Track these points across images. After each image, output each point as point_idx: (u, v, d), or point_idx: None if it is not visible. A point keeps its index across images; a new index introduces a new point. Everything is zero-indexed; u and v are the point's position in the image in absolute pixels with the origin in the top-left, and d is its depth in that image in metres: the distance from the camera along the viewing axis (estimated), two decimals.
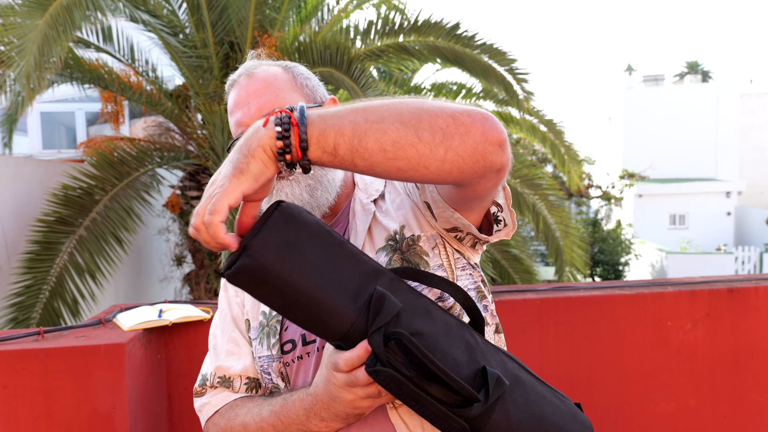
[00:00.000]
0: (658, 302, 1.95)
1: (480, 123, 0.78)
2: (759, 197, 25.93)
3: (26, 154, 9.74)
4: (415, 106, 0.78)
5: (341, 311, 0.80)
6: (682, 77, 36.52)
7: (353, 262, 0.83)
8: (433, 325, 0.84)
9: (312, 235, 0.81)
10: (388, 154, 0.76)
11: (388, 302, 0.80)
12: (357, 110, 0.77)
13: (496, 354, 0.88)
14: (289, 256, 0.78)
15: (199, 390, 1.10)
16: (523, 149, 11.46)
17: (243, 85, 1.05)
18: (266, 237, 0.78)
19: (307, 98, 1.06)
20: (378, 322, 0.79)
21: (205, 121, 5.66)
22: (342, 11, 6.00)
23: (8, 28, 4.03)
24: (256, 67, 1.07)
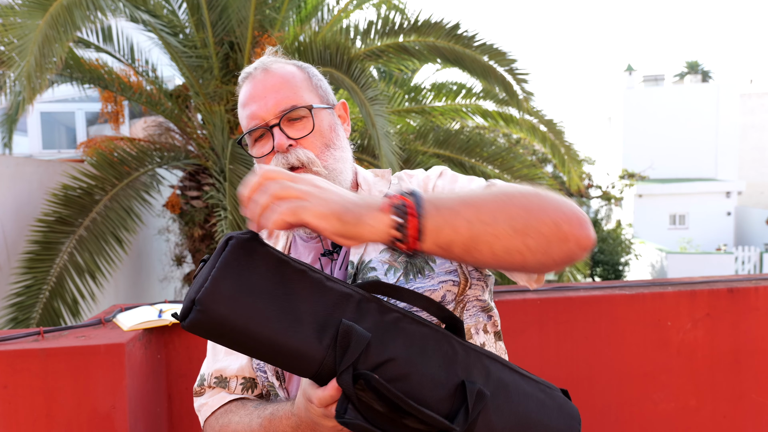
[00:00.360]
0: (658, 302, 1.95)
1: (577, 230, 0.82)
2: (759, 197, 25.93)
3: (26, 154, 9.74)
4: (522, 206, 0.80)
5: (306, 353, 0.76)
6: (682, 77, 36.52)
7: (316, 293, 0.78)
8: (407, 344, 0.80)
9: (268, 272, 0.77)
10: (497, 258, 0.80)
11: (355, 336, 0.77)
12: (468, 204, 0.78)
13: (477, 360, 0.85)
14: (242, 305, 0.74)
15: (198, 390, 1.10)
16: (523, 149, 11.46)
17: (260, 79, 1.05)
18: (216, 287, 0.74)
19: (320, 99, 1.07)
20: (346, 362, 0.76)
21: (205, 121, 5.66)
22: (342, 11, 6.00)
23: (8, 28, 4.03)
24: (272, 63, 1.07)
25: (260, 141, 1.05)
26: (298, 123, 1.02)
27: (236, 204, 4.56)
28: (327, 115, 1.06)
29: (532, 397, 0.86)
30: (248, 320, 0.74)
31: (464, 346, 0.85)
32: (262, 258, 0.77)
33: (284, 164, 1.00)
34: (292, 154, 1.00)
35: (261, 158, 1.04)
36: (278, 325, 0.75)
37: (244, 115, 1.05)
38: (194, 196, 5.86)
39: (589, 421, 1.96)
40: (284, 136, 1.00)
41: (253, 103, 1.04)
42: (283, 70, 1.06)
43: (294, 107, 1.01)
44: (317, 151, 1.02)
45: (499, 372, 0.86)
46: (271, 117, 1.02)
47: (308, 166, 1.00)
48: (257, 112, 1.02)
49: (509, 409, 0.84)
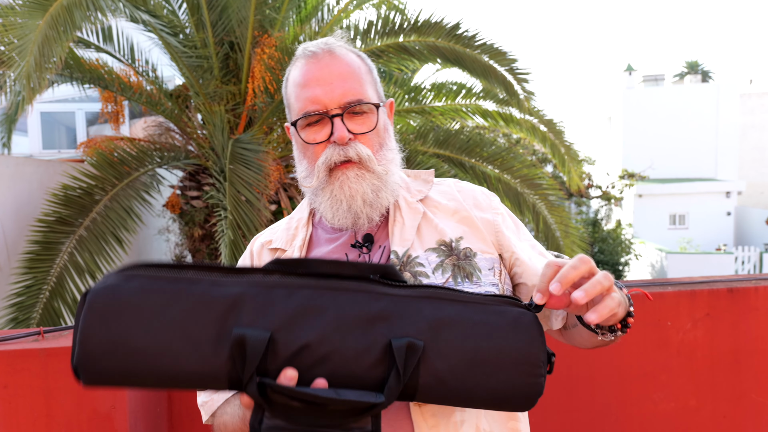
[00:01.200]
0: (658, 302, 1.95)
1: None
2: (759, 197, 25.93)
3: (26, 154, 9.74)
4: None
5: (209, 373, 0.75)
6: (682, 77, 36.51)
7: (201, 307, 0.75)
8: (320, 322, 0.76)
9: (138, 309, 0.74)
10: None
11: (250, 344, 0.73)
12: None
13: (407, 307, 0.79)
14: (122, 355, 0.73)
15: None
16: (523, 149, 11.46)
17: (326, 62, 1.00)
18: (88, 347, 0.73)
19: (377, 95, 1.04)
20: (247, 371, 0.73)
21: (205, 121, 5.66)
22: (342, 11, 6.00)
23: (8, 28, 4.03)
24: (337, 47, 1.02)
25: (313, 126, 1.00)
26: (360, 118, 1.00)
27: (236, 204, 4.56)
28: (383, 113, 1.05)
29: (481, 325, 0.79)
30: (135, 367, 0.73)
31: (392, 297, 0.79)
32: (126, 299, 0.74)
33: (341, 156, 0.98)
34: (352, 147, 0.98)
35: (311, 144, 1.01)
36: (168, 359, 0.74)
37: (302, 95, 1.00)
38: (194, 196, 5.86)
39: (589, 421, 1.96)
40: (345, 129, 0.97)
41: (316, 86, 0.98)
42: (349, 57, 1.02)
43: (361, 101, 0.99)
44: (374, 149, 1.01)
45: (436, 311, 0.79)
46: (335, 106, 0.98)
47: (365, 162, 0.99)
48: (320, 97, 0.98)
49: (454, 348, 0.77)
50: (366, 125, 1.00)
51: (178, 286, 0.76)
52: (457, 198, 1.07)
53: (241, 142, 5.00)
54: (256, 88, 5.11)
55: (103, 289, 0.75)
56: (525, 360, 0.78)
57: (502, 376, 0.78)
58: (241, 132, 5.57)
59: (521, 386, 0.79)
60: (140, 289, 0.75)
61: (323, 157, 0.99)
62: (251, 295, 0.77)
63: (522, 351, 0.78)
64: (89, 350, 0.73)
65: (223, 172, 4.96)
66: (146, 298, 0.75)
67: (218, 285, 0.77)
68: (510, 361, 0.78)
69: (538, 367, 0.79)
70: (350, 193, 0.98)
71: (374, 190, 0.99)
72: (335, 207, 0.99)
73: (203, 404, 1.09)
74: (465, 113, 6.51)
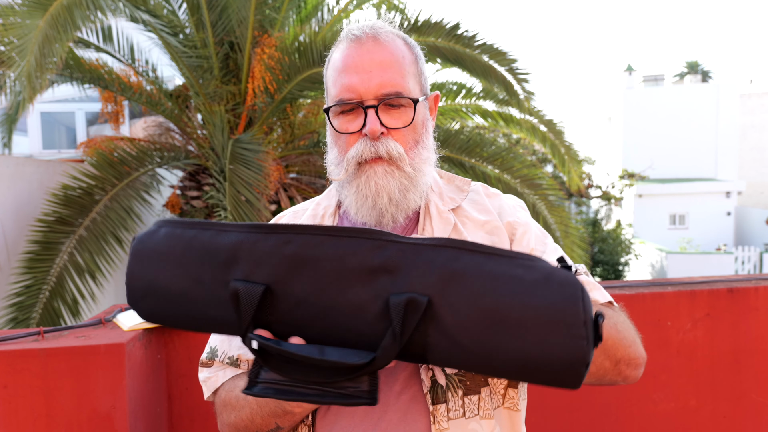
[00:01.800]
0: (658, 302, 1.95)
1: (631, 371, 0.95)
2: (759, 197, 25.93)
3: (26, 154, 9.74)
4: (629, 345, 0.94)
5: (223, 319, 0.78)
6: (682, 77, 36.52)
7: (207, 255, 0.78)
8: (318, 274, 0.73)
9: (163, 255, 0.80)
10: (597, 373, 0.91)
11: (243, 298, 0.74)
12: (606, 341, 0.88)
13: (418, 255, 0.71)
14: (155, 297, 0.81)
15: (206, 362, 1.07)
16: (523, 149, 11.46)
17: (368, 47, 0.94)
18: (131, 288, 0.82)
19: (421, 88, 0.99)
20: (242, 326, 0.75)
21: (205, 121, 5.66)
22: (342, 11, 6.00)
23: (8, 28, 4.03)
24: (383, 32, 0.96)
25: (347, 115, 0.96)
26: (396, 111, 0.95)
27: (236, 204, 4.56)
28: (422, 107, 0.99)
29: (503, 278, 0.68)
30: (167, 306, 0.81)
31: (399, 245, 0.72)
32: (158, 244, 0.81)
33: (371, 152, 0.93)
34: (383, 144, 0.93)
35: (342, 134, 0.96)
36: (189, 302, 0.79)
37: (339, 81, 0.95)
38: (194, 196, 5.86)
39: (589, 421, 1.96)
40: (379, 122, 0.93)
41: (354, 74, 0.93)
42: (394, 45, 0.96)
43: (399, 95, 0.93)
44: (407, 146, 0.96)
45: (451, 261, 0.70)
46: (370, 97, 0.93)
47: (396, 160, 0.94)
48: (356, 86, 0.93)
49: (469, 304, 0.68)
50: (402, 120, 0.95)
51: (192, 232, 0.80)
52: (487, 207, 1.04)
53: (241, 142, 5.00)
54: (256, 88, 5.11)
55: (142, 236, 0.83)
56: (560, 318, 0.65)
57: (531, 338, 0.65)
58: (241, 132, 5.57)
59: (556, 350, 0.65)
60: (165, 236, 0.81)
61: (353, 150, 0.94)
62: (250, 242, 0.77)
63: (556, 308, 0.65)
64: (132, 290, 0.82)
65: (223, 172, 4.96)
66: (169, 244, 0.81)
67: (224, 231, 0.79)
68: (540, 319, 0.65)
69: (577, 327, 0.64)
70: (376, 189, 0.94)
71: (402, 190, 0.95)
72: (360, 202, 0.95)
73: (206, 380, 1.06)
74: (465, 113, 6.51)
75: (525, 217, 1.05)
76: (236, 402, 0.99)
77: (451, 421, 0.92)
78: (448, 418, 0.91)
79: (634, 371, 0.94)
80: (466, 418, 0.92)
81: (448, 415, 0.91)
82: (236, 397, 0.99)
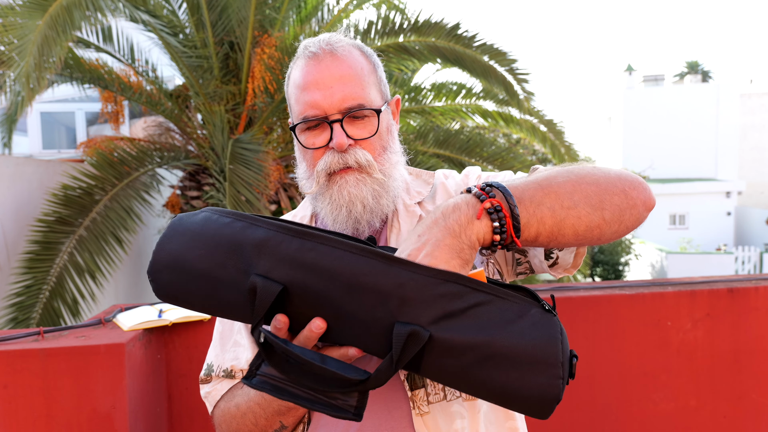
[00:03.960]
0: (658, 302, 1.95)
1: (642, 194, 0.85)
2: (759, 197, 25.93)
3: (26, 154, 9.74)
4: (593, 182, 0.82)
5: (239, 305, 0.81)
6: (682, 77, 36.50)
7: (234, 248, 0.81)
8: (333, 284, 0.76)
9: (196, 235, 0.84)
10: (579, 238, 0.82)
11: (260, 294, 0.77)
12: (547, 191, 0.80)
13: (426, 287, 0.75)
14: (178, 272, 0.83)
15: (204, 378, 1.10)
16: (523, 149, 11.46)
17: (326, 63, 0.96)
18: (157, 258, 0.85)
19: (382, 96, 1.01)
20: (254, 319, 0.78)
21: (205, 121, 5.66)
22: (342, 11, 6.00)
23: (8, 28, 4.04)
24: (339, 46, 0.98)
25: (313, 130, 0.97)
26: (361, 122, 0.96)
27: (236, 204, 4.56)
28: (386, 114, 1.01)
29: (498, 319, 0.75)
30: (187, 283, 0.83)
31: (412, 275, 0.76)
32: (194, 224, 0.85)
33: (340, 164, 0.95)
34: (351, 154, 0.95)
35: (310, 149, 0.98)
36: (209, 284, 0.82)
37: (301, 99, 0.97)
38: (194, 196, 5.86)
39: (589, 421, 1.96)
40: (345, 135, 0.94)
41: (315, 90, 0.95)
42: (351, 57, 0.97)
43: (362, 106, 0.95)
44: (375, 153, 0.98)
45: (456, 299, 0.75)
46: (334, 111, 0.94)
47: (366, 168, 0.96)
48: (319, 102, 0.94)
49: (465, 340, 0.74)
50: (367, 130, 0.97)
51: (227, 219, 0.84)
52: (447, 191, 1.06)
53: (241, 142, 5.00)
54: (256, 88, 5.11)
55: (183, 215, 0.88)
56: (542, 359, 0.72)
57: (515, 373, 0.73)
58: (241, 132, 5.57)
59: (536, 387, 0.73)
60: (203, 219, 0.86)
61: (322, 162, 0.96)
62: (276, 241, 0.80)
63: (539, 349, 0.73)
64: (155, 261, 0.85)
65: (223, 172, 4.96)
66: (203, 225, 0.85)
67: (255, 225, 0.82)
68: (525, 358, 0.73)
69: (556, 368, 0.72)
70: (349, 198, 0.96)
71: (375, 196, 0.97)
72: (335, 212, 0.97)
73: (207, 395, 1.08)
74: (465, 113, 6.51)
75: (474, 178, 1.06)
76: (237, 410, 1.00)
77: (432, 404, 0.93)
78: (428, 402, 0.93)
79: (644, 192, 0.85)
80: (448, 401, 0.94)
81: (428, 399, 0.93)
82: (236, 404, 1.01)
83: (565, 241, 0.82)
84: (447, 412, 0.93)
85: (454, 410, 0.94)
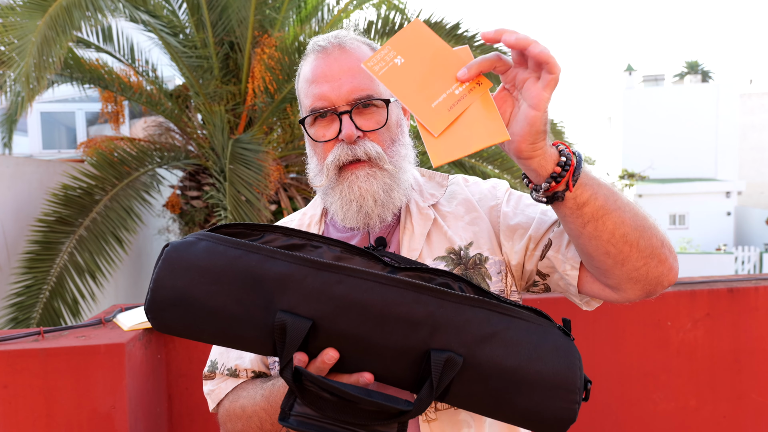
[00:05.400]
0: (658, 302, 1.95)
1: (672, 261, 0.89)
2: (759, 197, 25.93)
3: (26, 154, 9.73)
4: (644, 215, 0.88)
5: (257, 340, 0.78)
6: (682, 77, 36.52)
7: (252, 279, 0.78)
8: (366, 317, 0.77)
9: (202, 269, 0.79)
10: (612, 239, 0.85)
11: (290, 332, 0.76)
12: (610, 188, 0.86)
13: (457, 312, 0.78)
14: (184, 309, 0.79)
15: (208, 374, 1.09)
16: None
17: (335, 56, 0.96)
18: (157, 296, 0.79)
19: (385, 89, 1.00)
20: (285, 358, 0.76)
21: (205, 121, 5.66)
22: (342, 11, 6.00)
23: (8, 28, 4.04)
24: (348, 40, 0.98)
25: (322, 122, 0.97)
26: (370, 113, 0.96)
27: (236, 204, 4.56)
28: (396, 107, 1.00)
29: (524, 345, 0.79)
30: (195, 320, 0.79)
31: (440, 302, 0.78)
32: (195, 261, 0.79)
33: (349, 156, 0.94)
34: (360, 146, 0.94)
35: (320, 142, 0.97)
36: (223, 320, 0.79)
37: (310, 92, 0.96)
38: (194, 196, 5.86)
39: (589, 421, 1.96)
40: (354, 127, 0.94)
41: (324, 83, 0.95)
42: (360, 51, 0.97)
43: (370, 97, 0.95)
44: (385, 145, 0.97)
45: (484, 323, 0.78)
46: (343, 103, 0.94)
47: (375, 161, 0.95)
48: (327, 94, 0.94)
49: (495, 365, 0.77)
50: (376, 121, 0.96)
51: (237, 252, 0.80)
52: (467, 197, 1.05)
53: (241, 142, 5.00)
54: (256, 88, 5.11)
55: (179, 245, 0.81)
56: (562, 385, 0.77)
57: (537, 398, 0.77)
58: (241, 132, 5.57)
59: (555, 410, 0.77)
60: (206, 250, 0.80)
61: (332, 155, 0.96)
62: (301, 275, 0.78)
63: (560, 376, 0.78)
64: (157, 299, 0.79)
65: (223, 172, 4.96)
66: (209, 259, 0.79)
67: (273, 258, 0.79)
68: (547, 384, 0.77)
69: (574, 393, 0.77)
70: (360, 193, 0.95)
71: (386, 190, 0.96)
72: (346, 207, 0.97)
73: (210, 392, 1.08)
74: None
75: (502, 192, 1.05)
76: (242, 412, 1.00)
77: (440, 411, 0.93)
78: (436, 409, 0.93)
79: (675, 262, 0.90)
80: (455, 409, 0.93)
81: (435, 406, 0.93)
82: (242, 407, 1.01)
83: (603, 231, 0.84)
84: (454, 420, 0.93)
85: (462, 418, 0.94)
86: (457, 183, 1.08)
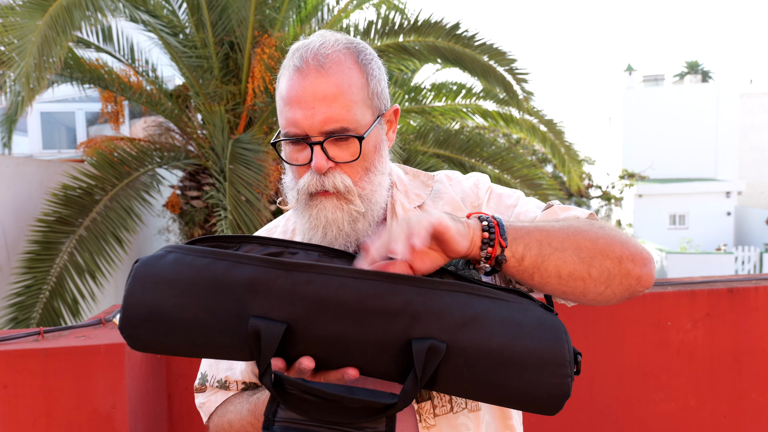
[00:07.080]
0: (658, 302, 1.95)
1: (639, 269, 0.88)
2: (759, 197, 25.93)
3: (26, 154, 9.74)
4: (590, 239, 0.87)
5: (235, 347, 0.77)
6: (682, 77, 36.52)
7: (222, 286, 0.77)
8: (341, 314, 0.75)
9: (171, 282, 0.78)
10: (561, 281, 0.85)
11: (265, 337, 0.74)
12: (540, 229, 0.85)
13: (435, 299, 0.77)
14: (157, 324, 0.77)
15: (198, 387, 1.11)
16: (523, 149, 11.46)
17: (311, 80, 0.90)
18: (129, 314, 0.78)
19: (374, 111, 0.95)
20: (262, 364, 0.74)
21: (205, 121, 5.66)
22: (342, 11, 6.00)
23: (8, 28, 4.04)
24: (329, 59, 0.91)
25: (295, 146, 0.94)
26: (344, 143, 0.92)
27: (236, 204, 4.56)
28: (375, 131, 0.96)
29: (507, 324, 0.77)
30: (170, 334, 0.78)
31: (418, 290, 0.77)
32: (165, 274, 0.78)
33: (318, 186, 0.93)
34: (329, 178, 0.92)
35: (292, 165, 0.96)
36: (197, 331, 0.77)
37: (284, 113, 0.93)
38: (194, 196, 5.86)
39: (589, 421, 1.96)
40: (325, 158, 0.91)
41: (297, 108, 0.90)
42: (339, 72, 0.91)
43: (344, 130, 0.90)
44: (357, 176, 0.94)
45: (463, 307, 0.77)
46: (315, 133, 0.90)
47: (343, 194, 0.93)
48: (300, 122, 0.90)
49: (479, 347, 0.76)
50: (350, 153, 0.92)
51: (205, 261, 0.79)
52: (451, 196, 1.04)
53: (241, 142, 5.00)
54: (256, 88, 5.11)
55: (147, 260, 0.80)
56: (552, 359, 0.76)
57: (528, 376, 0.76)
58: (241, 132, 5.57)
59: (548, 387, 0.76)
60: (174, 262, 0.79)
61: (302, 181, 0.94)
62: (269, 278, 0.76)
63: (548, 350, 0.76)
64: (130, 316, 0.78)
65: (223, 172, 4.96)
66: (177, 270, 0.78)
67: (240, 264, 0.78)
68: (536, 360, 0.76)
69: (565, 367, 0.76)
70: (326, 222, 0.94)
71: (351, 222, 0.94)
72: (312, 232, 0.96)
73: (201, 405, 1.09)
74: (465, 113, 6.51)
75: (484, 191, 1.05)
76: (230, 427, 1.01)
77: (438, 417, 0.93)
78: (435, 414, 0.93)
79: (643, 268, 0.88)
80: (454, 413, 0.94)
81: (434, 412, 0.93)
82: (229, 421, 1.02)
83: (549, 277, 0.84)
84: (453, 425, 0.94)
85: (460, 422, 0.94)
86: (442, 182, 1.07)
